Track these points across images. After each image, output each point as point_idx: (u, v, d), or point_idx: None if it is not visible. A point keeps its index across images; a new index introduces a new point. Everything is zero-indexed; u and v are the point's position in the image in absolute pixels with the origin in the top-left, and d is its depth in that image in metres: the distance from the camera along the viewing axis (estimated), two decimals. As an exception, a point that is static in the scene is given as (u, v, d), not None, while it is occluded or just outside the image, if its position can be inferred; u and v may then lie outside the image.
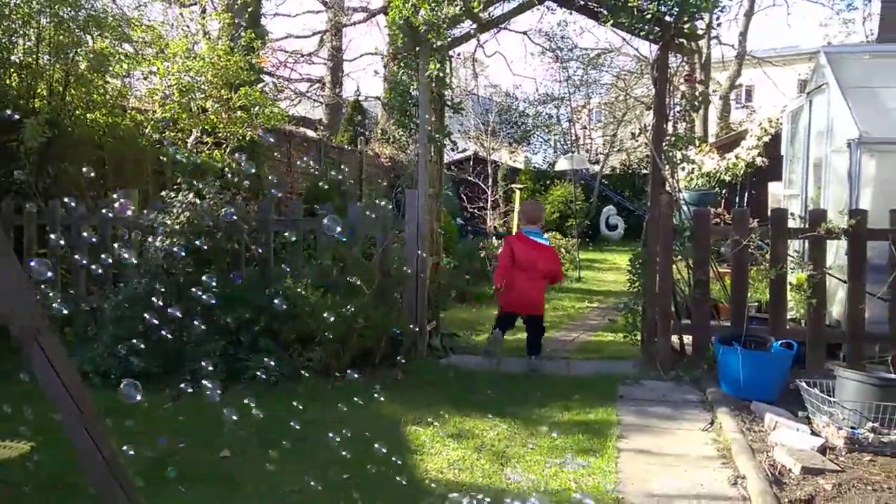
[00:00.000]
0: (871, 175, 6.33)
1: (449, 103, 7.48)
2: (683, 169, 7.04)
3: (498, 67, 75.55)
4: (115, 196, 6.92)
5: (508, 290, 6.51)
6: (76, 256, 6.75)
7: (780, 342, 5.64)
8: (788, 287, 6.17)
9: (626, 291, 7.58)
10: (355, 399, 5.17)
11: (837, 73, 7.14)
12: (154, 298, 5.36)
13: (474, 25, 7.02)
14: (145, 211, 6.33)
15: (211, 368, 5.34)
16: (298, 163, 12.47)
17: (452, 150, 8.21)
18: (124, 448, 2.93)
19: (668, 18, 6.33)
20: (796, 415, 4.93)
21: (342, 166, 14.92)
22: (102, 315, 6.02)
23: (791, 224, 6.35)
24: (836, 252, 6.48)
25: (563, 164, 20.05)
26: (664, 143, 6.55)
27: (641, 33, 6.50)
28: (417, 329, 6.54)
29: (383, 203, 7.03)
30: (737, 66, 23.64)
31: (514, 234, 7.39)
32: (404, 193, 6.80)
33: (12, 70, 7.62)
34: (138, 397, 2.44)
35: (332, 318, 5.31)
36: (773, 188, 11.02)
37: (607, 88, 25.05)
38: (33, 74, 7.68)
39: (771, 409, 5.00)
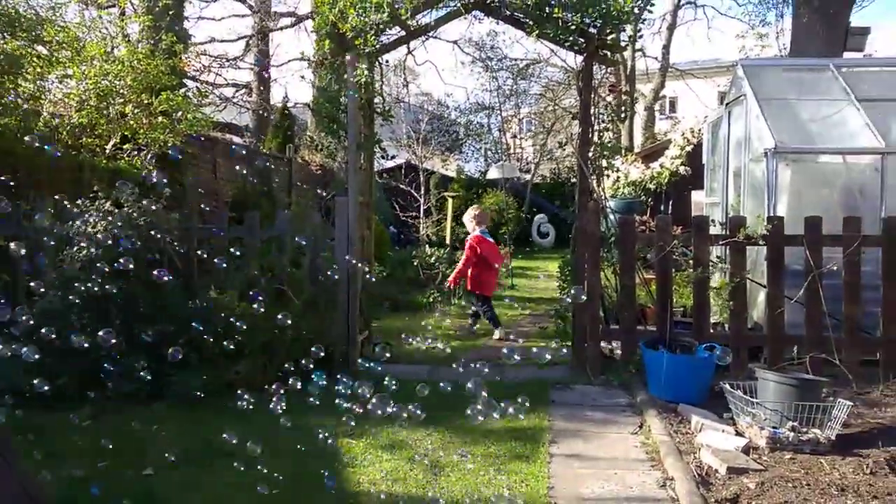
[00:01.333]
0: (786, 183, 6.59)
1: (379, 110, 7.42)
2: (609, 177, 7.21)
3: (429, 76, 75.77)
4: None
5: (482, 279, 8.51)
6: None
7: (704, 346, 5.79)
8: (711, 292, 6.36)
9: (557, 298, 7.68)
10: (285, 412, 5.04)
11: (754, 85, 7.43)
12: (71, 312, 5.11)
13: (402, 32, 7.00)
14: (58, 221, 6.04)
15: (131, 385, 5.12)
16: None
17: (383, 157, 8.16)
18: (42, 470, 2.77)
19: (591, 30, 6.46)
20: (721, 416, 5.07)
21: (271, 173, 14.64)
22: (14, 329, 5.68)
23: (713, 231, 6.55)
24: (755, 258, 6.72)
25: (494, 173, 20.25)
26: (590, 152, 6.66)
27: (566, 44, 6.61)
28: (349, 339, 6.44)
29: (313, 211, 6.92)
30: (661, 78, 24.45)
31: (473, 236, 8.63)
32: (334, 201, 6.71)
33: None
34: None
35: (259, 330, 5.17)
36: (696, 196, 11.36)
37: (536, 98, 25.49)
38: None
39: (697, 411, 5.13)
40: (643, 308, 7.20)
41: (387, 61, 7.92)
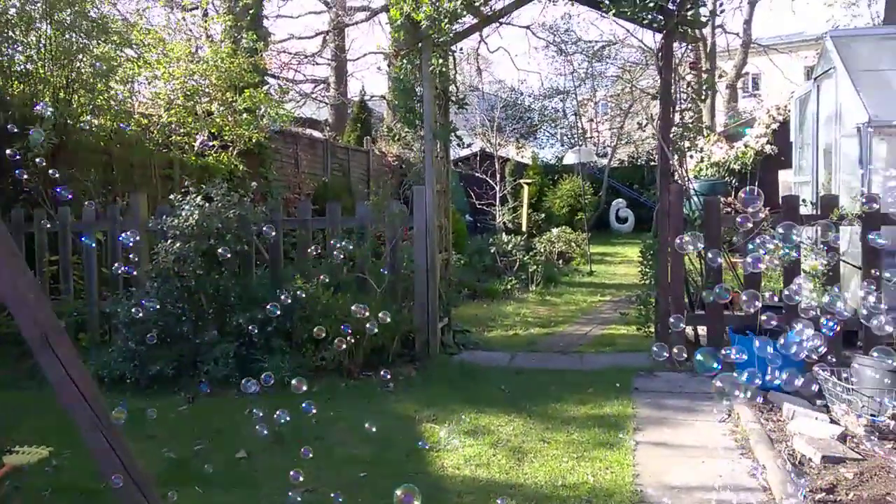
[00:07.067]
0: (882, 159, 6.25)
1: (453, 99, 7.44)
2: (692, 158, 7.00)
3: (502, 63, 75.07)
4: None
5: None
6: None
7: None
8: (802, 275, 6.11)
9: (637, 284, 7.53)
10: (369, 397, 5.15)
11: (844, 57, 7.06)
12: (167, 302, 5.36)
13: (475, 20, 6.98)
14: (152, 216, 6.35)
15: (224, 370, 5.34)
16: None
17: (458, 146, 8.18)
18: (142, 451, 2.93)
19: (670, 6, 6.27)
20: (814, 404, 4.88)
21: (350, 165, 14.92)
22: (116, 320, 6.02)
23: (803, 211, 6.27)
24: (849, 238, 6.41)
25: (570, 158, 20.01)
26: (671, 133, 6.49)
27: (644, 22, 6.45)
28: (429, 326, 6.52)
29: (392, 200, 7.01)
30: (742, 55, 23.49)
31: None
32: (412, 190, 6.78)
33: (14, 78, 7.56)
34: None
35: (343, 317, 5.30)
36: (784, 176, 10.94)
37: (613, 80, 24.95)
38: (36, 82, 7.61)
39: (788, 398, 4.95)
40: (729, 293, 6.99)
41: (461, 49, 7.92)
